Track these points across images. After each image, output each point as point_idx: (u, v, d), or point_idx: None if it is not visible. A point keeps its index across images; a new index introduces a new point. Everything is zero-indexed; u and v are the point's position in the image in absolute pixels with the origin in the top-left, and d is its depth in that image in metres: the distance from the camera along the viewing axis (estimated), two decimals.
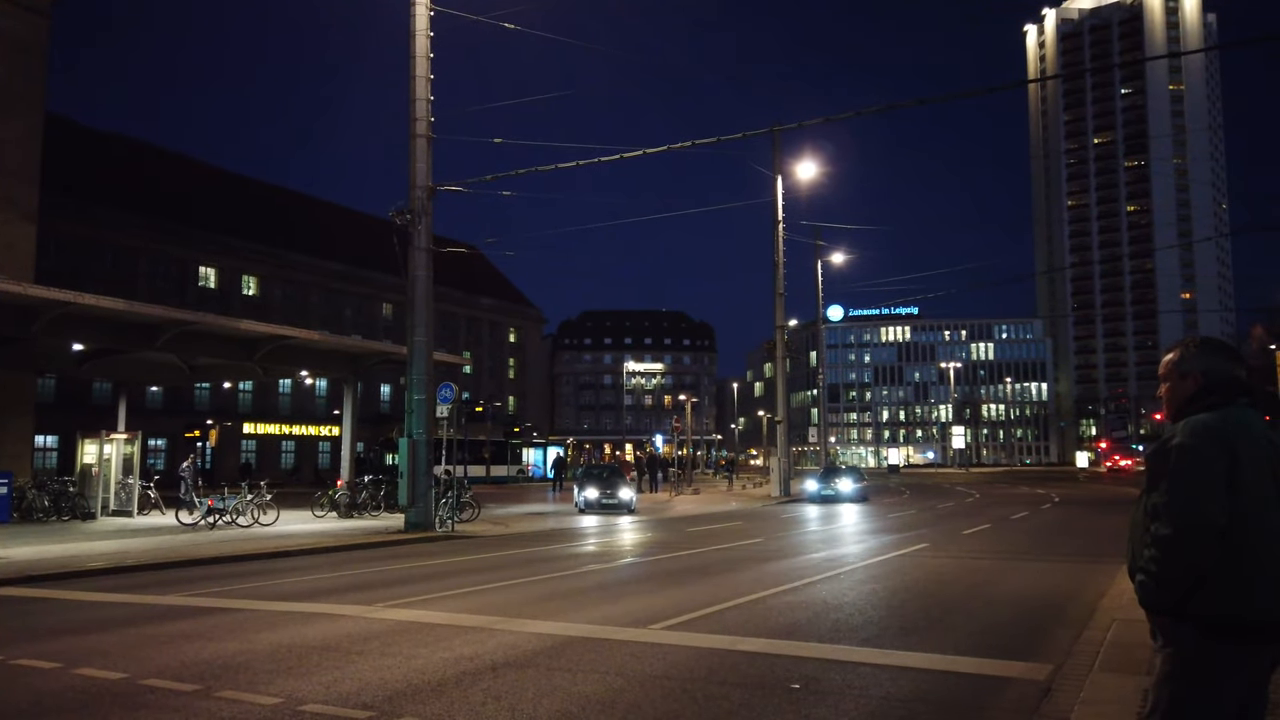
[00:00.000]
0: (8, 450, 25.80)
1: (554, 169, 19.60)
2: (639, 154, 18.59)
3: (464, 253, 28.43)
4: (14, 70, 26.05)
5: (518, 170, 20.19)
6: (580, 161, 19.35)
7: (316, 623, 9.11)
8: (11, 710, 5.94)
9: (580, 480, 28.74)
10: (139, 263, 49.63)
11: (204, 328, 22.64)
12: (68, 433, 39.07)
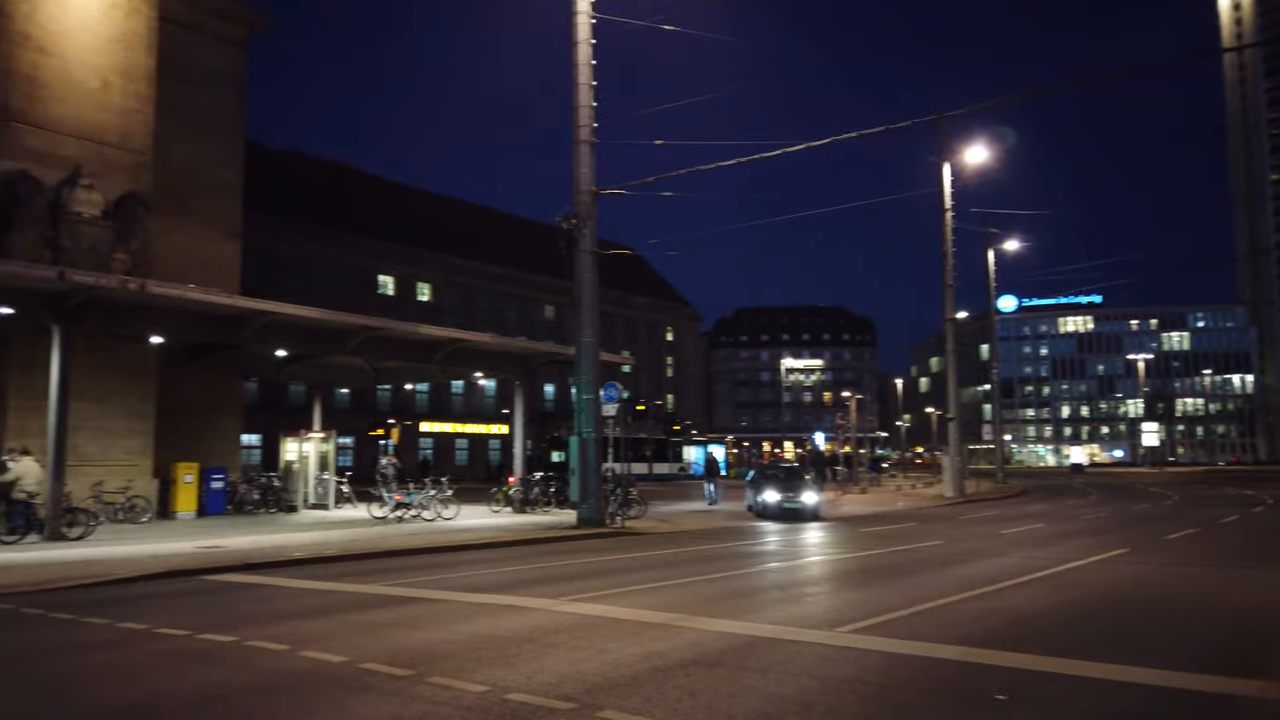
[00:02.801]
0: (221, 448, 28.29)
1: (715, 167, 19.62)
2: (803, 148, 18.34)
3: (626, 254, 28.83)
4: (218, 100, 28.56)
5: (678, 170, 20.33)
6: (741, 159, 19.27)
7: (508, 614, 9.47)
8: (251, 688, 6.49)
9: (755, 481, 25.93)
10: (324, 272, 53.31)
11: (388, 333, 24.05)
12: (269, 432, 42.45)
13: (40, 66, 21.35)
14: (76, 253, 21.12)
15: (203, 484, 24.11)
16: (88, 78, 22.14)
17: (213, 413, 27.89)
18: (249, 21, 29.45)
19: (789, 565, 14.39)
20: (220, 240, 28.28)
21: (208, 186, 27.75)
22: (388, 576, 12.53)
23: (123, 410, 22.39)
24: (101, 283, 17.84)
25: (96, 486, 20.60)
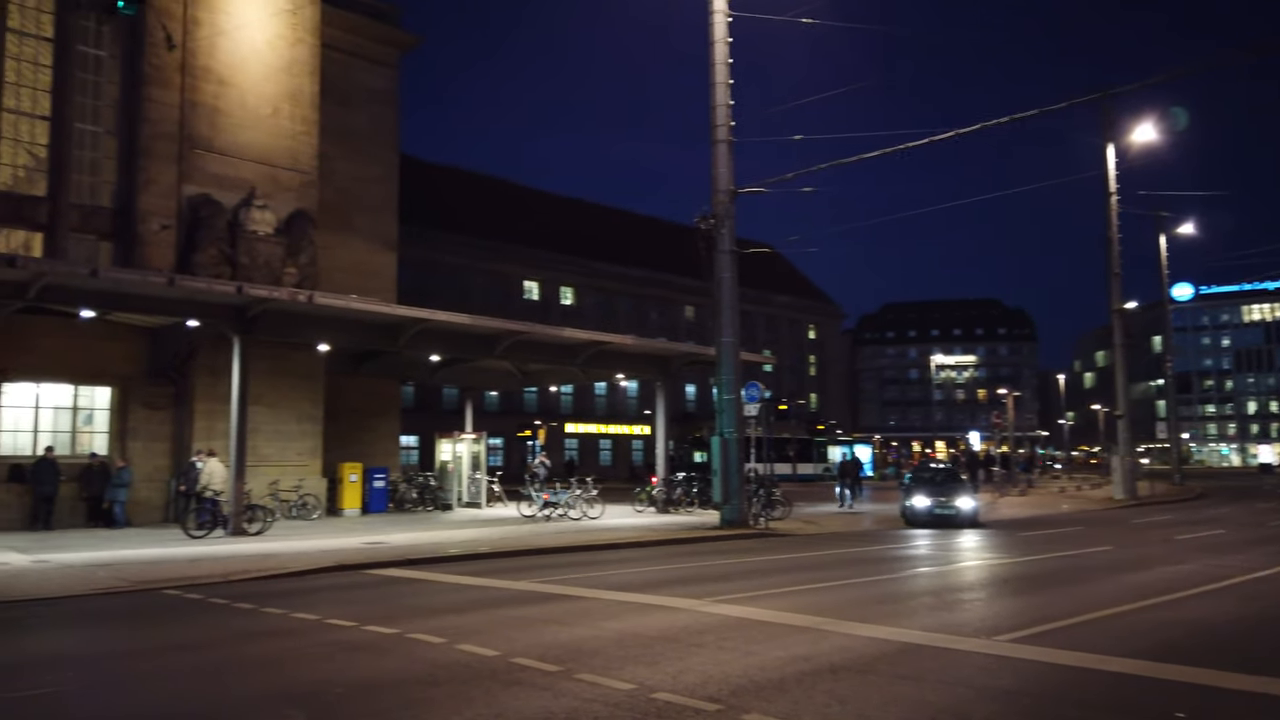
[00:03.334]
0: (381, 449, 29.88)
1: (857, 160, 19.14)
2: (950, 135, 17.59)
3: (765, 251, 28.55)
4: (374, 119, 30.19)
5: (819, 165, 19.94)
6: (886, 149, 18.69)
7: (653, 614, 9.54)
8: (413, 679, 6.80)
9: (908, 486, 24.07)
10: (472, 279, 55.39)
11: (534, 336, 24.75)
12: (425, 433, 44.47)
13: (219, 97, 23.18)
14: (252, 268, 22.80)
15: (366, 483, 25.52)
16: (260, 105, 23.86)
17: (374, 416, 29.47)
18: (402, 42, 30.96)
19: (941, 570, 13.86)
20: (378, 252, 29.85)
21: (367, 201, 29.35)
22: (537, 573, 12.88)
23: (295, 414, 23.98)
24: (275, 295, 19.18)
25: (273, 485, 22.16)
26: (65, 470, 19.89)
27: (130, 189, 21.97)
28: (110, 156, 22.24)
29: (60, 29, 21.53)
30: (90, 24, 21.21)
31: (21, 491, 19.62)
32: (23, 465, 19.84)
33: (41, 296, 17.16)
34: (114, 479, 20.33)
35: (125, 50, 22.25)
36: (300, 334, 21.56)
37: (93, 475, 20.36)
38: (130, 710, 6.20)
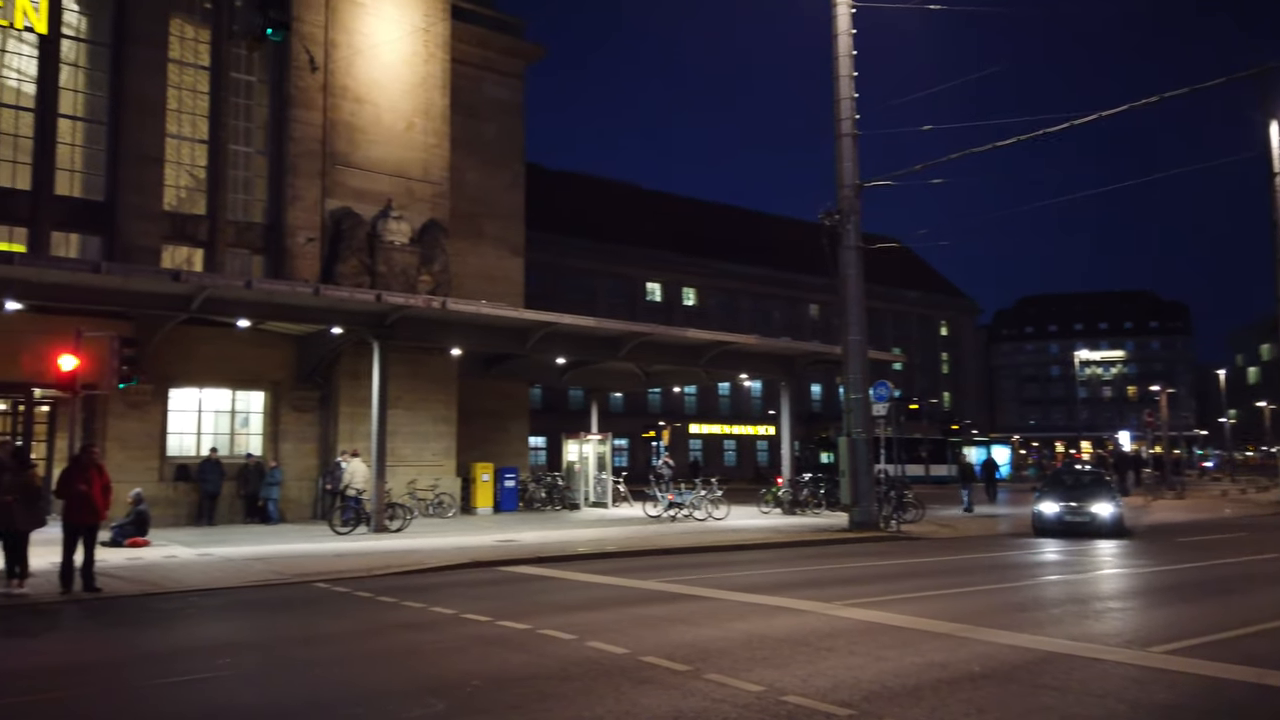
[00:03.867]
0: (511, 449, 30.71)
1: (991, 148, 18.34)
2: (1093, 118, 16.60)
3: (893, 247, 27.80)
4: (501, 129, 31.09)
5: (949, 155, 19.24)
6: (1021, 137, 17.84)
7: (780, 616, 9.44)
8: (545, 673, 6.96)
9: (1041, 490, 22.02)
10: (596, 283, 56.21)
11: (657, 338, 24.91)
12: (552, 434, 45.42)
13: (357, 115, 24.37)
14: (390, 277, 23.86)
15: (497, 482, 26.28)
16: (395, 121, 24.96)
17: (504, 417, 30.31)
18: (526, 54, 31.76)
19: (1086, 577, 13.15)
20: (506, 258, 30.70)
21: (496, 210, 30.24)
22: (663, 573, 12.94)
23: (430, 416, 24.95)
24: (411, 302, 20.02)
25: (411, 484, 23.11)
26: (226, 470, 21.34)
27: (279, 205, 23.38)
28: (261, 175, 23.72)
29: (215, 58, 23.12)
30: (242, 51, 22.67)
31: (188, 490, 21.17)
32: (188, 465, 21.40)
33: (203, 308, 18.47)
34: (267, 478, 21.66)
35: (273, 74, 23.69)
36: (434, 339, 22.41)
37: (249, 474, 21.76)
38: (284, 696, 6.59)
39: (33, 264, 16.97)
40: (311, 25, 23.42)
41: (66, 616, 10.08)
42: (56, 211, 20.77)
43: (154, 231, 21.52)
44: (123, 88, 21.44)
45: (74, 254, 21.03)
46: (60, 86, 21.10)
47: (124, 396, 19.46)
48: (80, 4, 22.03)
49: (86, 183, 21.53)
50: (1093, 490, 20.35)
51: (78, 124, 21.59)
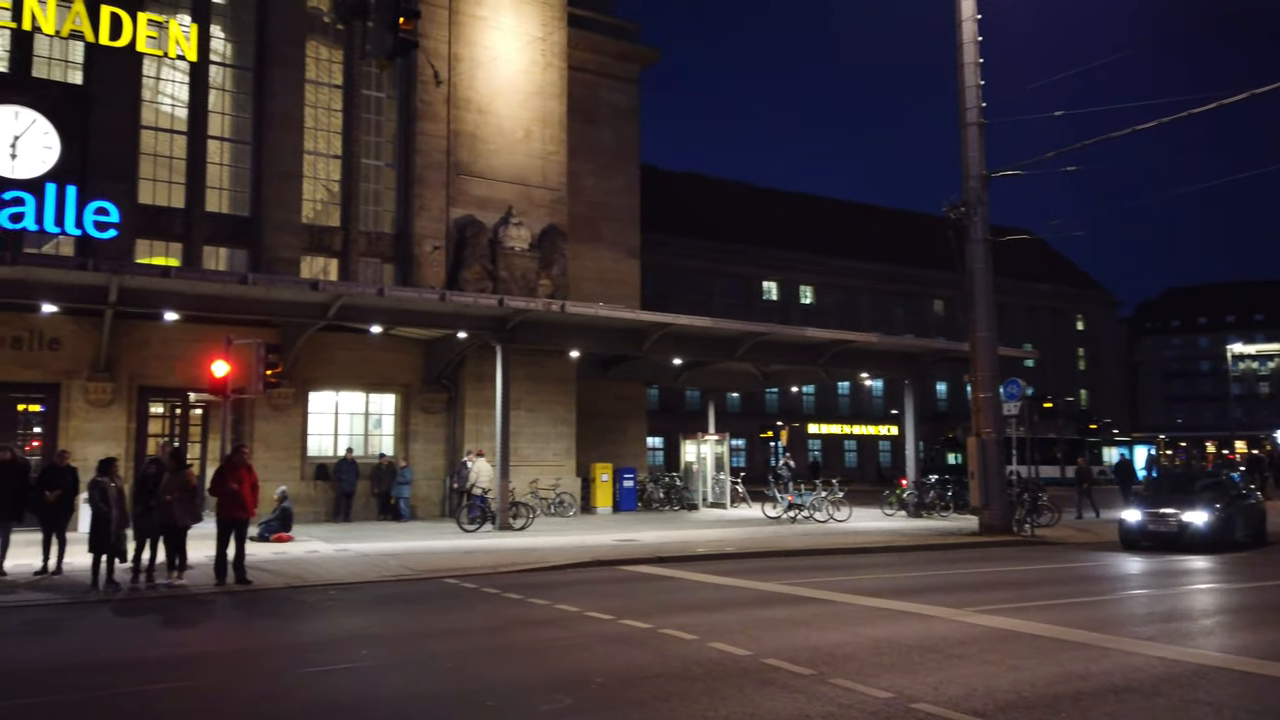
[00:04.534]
0: (629, 449, 31.02)
1: (1130, 132, 17.33)
2: (1244, 97, 15.48)
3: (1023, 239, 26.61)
4: (617, 133, 31.45)
5: (1083, 142, 18.28)
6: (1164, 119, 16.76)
7: (908, 621, 9.20)
8: (668, 673, 7.01)
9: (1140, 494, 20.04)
10: (712, 282, 56.08)
11: (774, 337, 24.66)
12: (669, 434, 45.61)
13: (479, 125, 25.13)
14: (510, 281, 24.50)
15: (616, 482, 26.58)
16: (515, 129, 25.61)
17: (622, 418, 30.63)
18: (642, 58, 32.01)
19: (1240, 587, 12.26)
20: (622, 260, 31.02)
21: (612, 213, 30.61)
22: (784, 575, 12.81)
23: (550, 417, 25.47)
24: (531, 306, 20.50)
25: (533, 484, 23.65)
26: (360, 469, 22.37)
27: (407, 215, 24.34)
28: (390, 187, 24.76)
29: (347, 76, 24.28)
30: (372, 69, 23.72)
31: (326, 488, 22.29)
32: (327, 465, 22.53)
33: (339, 315, 19.42)
34: (399, 477, 22.58)
35: (400, 90, 24.69)
36: (554, 341, 22.87)
37: (382, 473, 22.74)
38: (421, 688, 6.86)
39: (187, 277, 18.22)
40: (436, 40, 24.26)
41: (220, 606, 10.78)
42: (206, 227, 22.24)
43: (294, 243, 22.76)
44: (264, 108, 22.77)
45: (222, 266, 22.46)
46: (209, 109, 22.57)
47: (269, 400, 20.66)
48: (225, 31, 23.52)
49: (233, 199, 22.96)
50: (1199, 494, 17.36)
51: (225, 144, 23.05)
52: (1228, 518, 16.57)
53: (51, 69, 21.08)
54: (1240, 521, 17.10)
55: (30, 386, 19.80)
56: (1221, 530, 16.27)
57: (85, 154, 20.50)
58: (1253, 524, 17.71)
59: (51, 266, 17.51)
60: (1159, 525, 16.52)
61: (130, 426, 20.43)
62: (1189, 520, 16.26)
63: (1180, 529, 16.24)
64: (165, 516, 11.80)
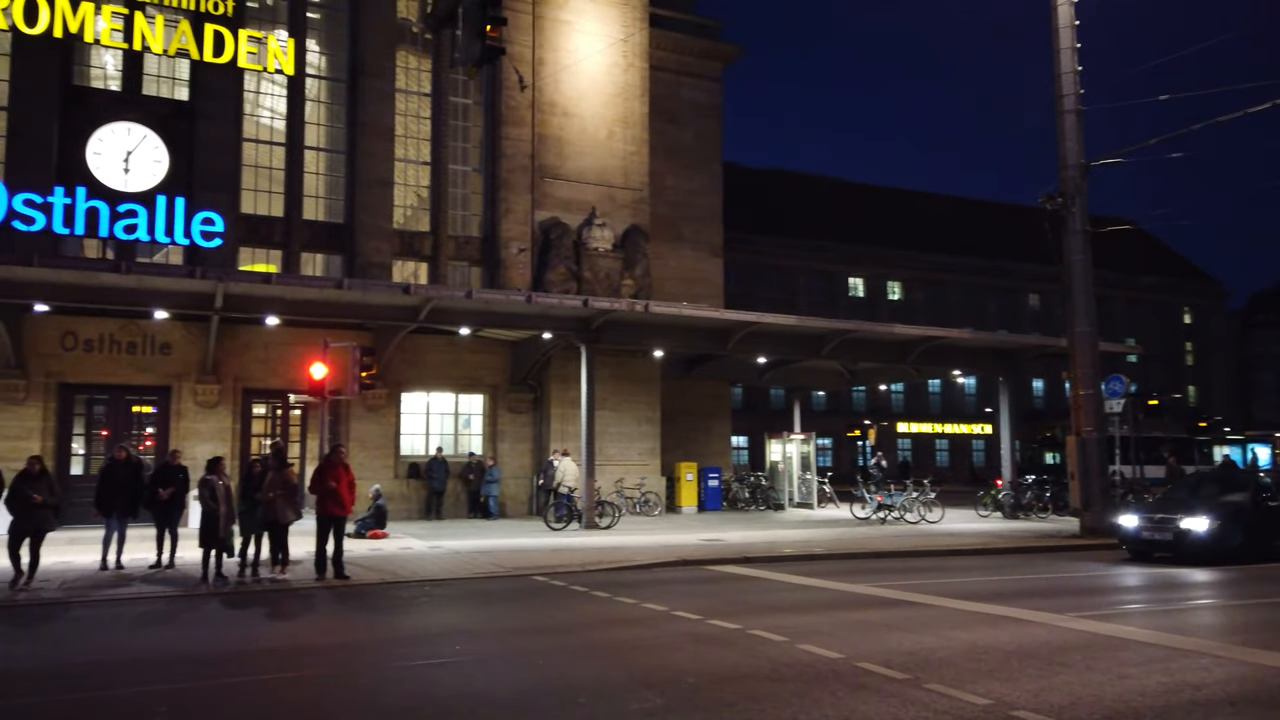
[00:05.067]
0: (713, 449, 30.91)
1: (1241, 115, 16.45)
2: None
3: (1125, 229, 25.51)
4: (699, 133, 31.39)
5: (1191, 126, 17.44)
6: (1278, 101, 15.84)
7: (1005, 626, 8.92)
8: (758, 674, 6.95)
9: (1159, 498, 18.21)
10: (796, 280, 55.47)
11: (861, 334, 24.24)
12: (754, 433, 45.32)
13: (563, 128, 25.42)
14: (594, 282, 24.69)
15: (701, 482, 26.52)
16: (598, 131, 25.82)
17: (706, 417, 30.55)
18: (724, 55, 31.87)
19: None
20: (705, 259, 30.94)
21: (694, 212, 30.56)
22: (874, 577, 12.57)
23: (635, 416, 25.58)
24: (615, 306, 20.62)
25: (618, 483, 23.78)
26: (451, 468, 22.88)
27: (493, 219, 24.79)
28: (476, 191, 25.25)
29: (435, 84, 24.86)
30: (459, 76, 24.23)
31: (418, 486, 22.87)
32: (418, 464, 23.11)
33: (429, 318, 19.90)
34: (487, 475, 23.01)
35: (486, 95, 25.16)
36: (637, 341, 22.95)
37: (471, 472, 23.21)
38: (513, 683, 6.97)
39: (287, 283, 18.93)
40: (520, 46, 24.63)
41: (320, 600, 11.17)
42: (304, 234, 23.06)
43: (385, 249, 23.42)
44: (357, 118, 23.49)
45: (319, 272, 23.27)
46: (305, 121, 23.40)
47: (364, 401, 21.31)
48: (320, 44, 24.35)
49: (328, 206, 23.77)
50: (1203, 499, 15.31)
51: (320, 154, 23.87)
52: (1240, 524, 14.42)
53: (160, 86, 22.17)
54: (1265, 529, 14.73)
55: (144, 389, 20.87)
56: (1218, 538, 14.13)
57: (191, 166, 21.51)
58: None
59: (162, 275, 18.43)
60: (1155, 533, 14.57)
61: (235, 427, 21.34)
62: (1188, 527, 14.26)
63: (1175, 536, 14.30)
64: (268, 513, 12.29)
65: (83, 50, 21.64)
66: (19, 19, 19.95)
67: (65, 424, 20.26)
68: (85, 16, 20.48)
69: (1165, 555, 14.44)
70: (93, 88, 21.85)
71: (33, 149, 20.28)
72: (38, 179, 19.60)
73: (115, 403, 20.87)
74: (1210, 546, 14.10)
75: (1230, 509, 14.73)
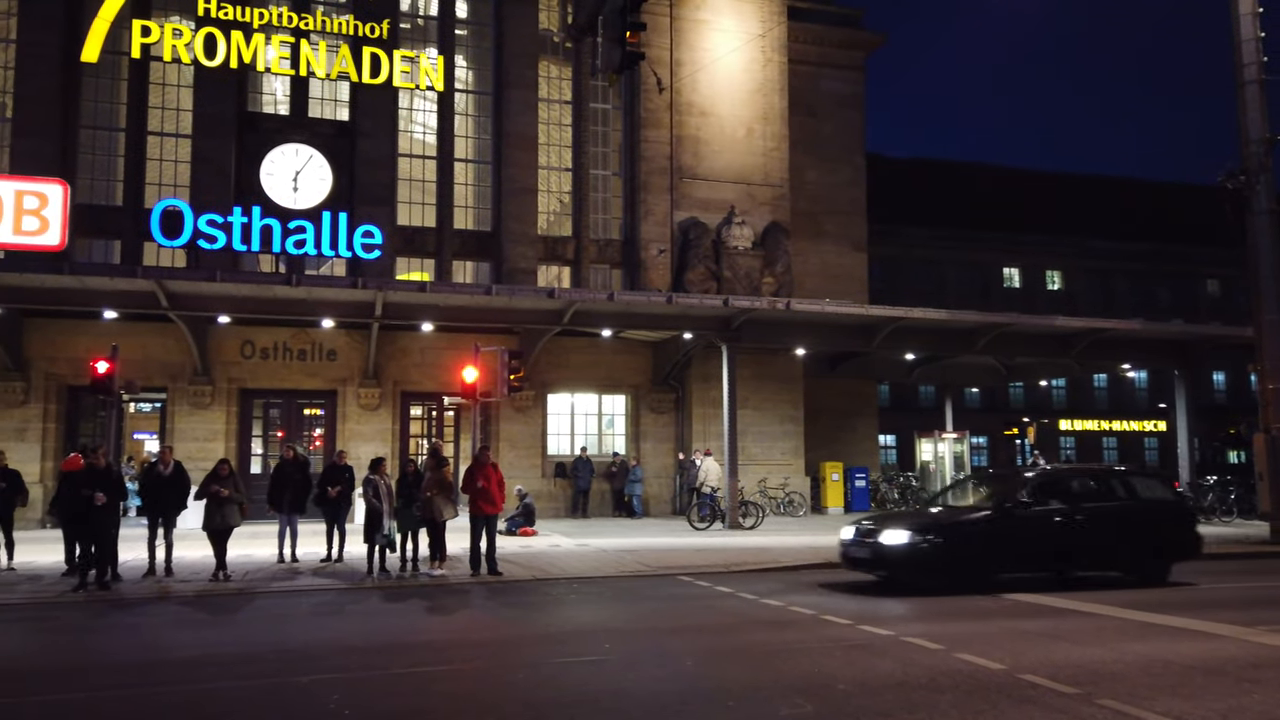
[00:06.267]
0: (859, 448, 30.14)
1: None
2: None
3: None
4: (840, 124, 30.70)
5: None
6: None
7: (1185, 638, 8.27)
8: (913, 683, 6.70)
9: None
10: (944, 272, 53.32)
11: (1018, 328, 23.09)
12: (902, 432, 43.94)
13: (701, 127, 25.43)
14: (734, 281, 24.57)
15: (847, 482, 25.92)
16: (736, 129, 25.69)
17: (851, 416, 29.86)
18: (865, 44, 31.09)
19: None
20: (847, 254, 30.24)
21: (836, 206, 29.93)
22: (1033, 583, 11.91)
23: (777, 415, 25.28)
24: (756, 305, 20.46)
25: (761, 483, 23.57)
26: (595, 467, 23.30)
27: (633, 221, 25.08)
28: (616, 195, 25.62)
29: (576, 92, 25.40)
30: (598, 82, 24.67)
31: (564, 485, 23.42)
32: (564, 463, 23.66)
33: (573, 320, 20.35)
34: (630, 475, 23.30)
35: (625, 100, 25.49)
36: (779, 340, 22.68)
37: (615, 472, 23.55)
38: (662, 684, 7.00)
39: (440, 290, 19.80)
40: (658, 49, 24.82)
41: (475, 596, 11.59)
42: (454, 243, 24.04)
43: (530, 254, 24.11)
44: (502, 128, 24.30)
45: (468, 279, 24.20)
46: (455, 134, 24.39)
47: (512, 402, 22.00)
48: (467, 60, 25.32)
49: (476, 215, 24.69)
50: (971, 508, 12.37)
51: (469, 165, 24.83)
52: (913, 540, 11.14)
53: (323, 108, 23.63)
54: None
55: (313, 393, 22.31)
56: (913, 557, 11.11)
57: (353, 182, 22.81)
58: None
59: (328, 286, 19.67)
60: (861, 548, 11.72)
61: (394, 428, 22.48)
62: (885, 540, 11.33)
63: (875, 551, 11.43)
64: (426, 511, 12.87)
65: (255, 78, 23.32)
66: (200, 54, 21.71)
67: (245, 426, 21.90)
68: (257, 47, 22.09)
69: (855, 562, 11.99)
70: (264, 113, 23.51)
71: (213, 173, 22.03)
72: (218, 200, 21.28)
73: (288, 406, 22.39)
74: (906, 564, 11.27)
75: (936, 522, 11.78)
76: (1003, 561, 11.60)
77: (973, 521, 11.70)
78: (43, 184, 19.44)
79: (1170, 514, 12.72)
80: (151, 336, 20.46)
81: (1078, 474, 13.86)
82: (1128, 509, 12.22)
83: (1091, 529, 11.79)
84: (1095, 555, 12.04)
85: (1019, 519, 11.55)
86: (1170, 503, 13.11)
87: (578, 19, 22.04)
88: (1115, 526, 11.94)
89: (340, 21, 23.04)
